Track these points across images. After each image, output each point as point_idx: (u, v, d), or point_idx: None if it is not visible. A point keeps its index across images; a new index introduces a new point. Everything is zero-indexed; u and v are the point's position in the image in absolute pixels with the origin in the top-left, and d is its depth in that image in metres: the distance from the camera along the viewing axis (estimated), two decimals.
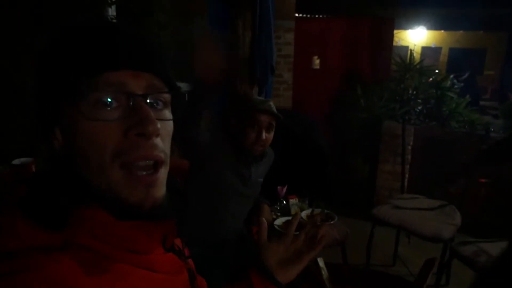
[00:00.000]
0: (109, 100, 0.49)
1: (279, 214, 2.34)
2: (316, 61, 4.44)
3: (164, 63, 0.55)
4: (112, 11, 1.68)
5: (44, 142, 0.53)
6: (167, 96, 0.55)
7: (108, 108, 0.49)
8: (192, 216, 1.35)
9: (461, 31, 8.71)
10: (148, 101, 0.51)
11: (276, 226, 2.16)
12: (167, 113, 0.55)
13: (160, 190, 0.53)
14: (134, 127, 0.49)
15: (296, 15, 4.17)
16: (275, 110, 1.64)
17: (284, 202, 2.42)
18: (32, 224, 0.47)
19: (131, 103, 0.50)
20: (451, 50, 8.87)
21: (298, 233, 2.12)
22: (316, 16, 4.47)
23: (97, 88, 0.48)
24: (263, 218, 0.85)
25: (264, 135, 1.61)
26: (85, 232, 0.48)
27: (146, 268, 0.52)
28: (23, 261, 0.44)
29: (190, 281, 0.64)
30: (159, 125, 0.51)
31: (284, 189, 2.45)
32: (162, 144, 0.53)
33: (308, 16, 4.44)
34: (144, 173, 0.51)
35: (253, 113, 1.59)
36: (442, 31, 8.79)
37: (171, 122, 0.56)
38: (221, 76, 1.26)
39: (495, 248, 2.10)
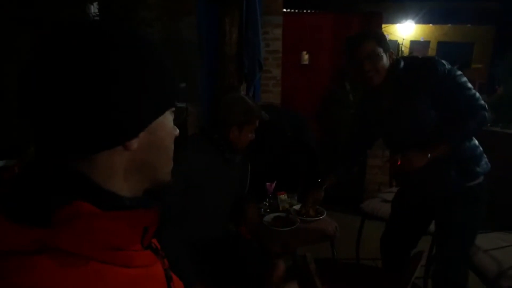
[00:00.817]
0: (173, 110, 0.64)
1: (268, 210, 2.35)
2: (305, 57, 4.44)
3: None
4: (94, 8, 1.65)
5: (117, 143, 0.55)
6: None
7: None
8: (175, 218, 1.34)
9: (449, 25, 8.77)
10: None
11: (265, 223, 2.16)
12: None
13: None
14: (175, 130, 0.65)
15: (284, 10, 4.16)
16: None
17: (272, 200, 2.43)
18: (13, 223, 0.46)
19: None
20: (439, 44, 8.93)
21: (286, 229, 2.12)
22: (304, 11, 4.46)
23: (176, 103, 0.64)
24: (281, 263, 0.88)
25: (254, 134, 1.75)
26: (66, 231, 0.48)
27: (123, 265, 0.53)
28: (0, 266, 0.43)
29: (167, 281, 0.65)
30: None
31: (273, 186, 2.46)
32: None
33: (296, 11, 4.43)
34: None
35: (255, 121, 1.73)
36: (430, 25, 8.84)
37: None
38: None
39: (482, 239, 2.12)
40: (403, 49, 4.17)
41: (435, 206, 1.86)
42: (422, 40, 8.87)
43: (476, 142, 1.79)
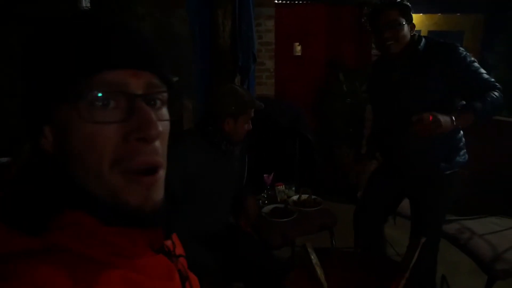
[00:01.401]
0: (107, 100, 0.46)
1: (266, 202, 2.36)
2: (298, 48, 4.42)
3: (163, 61, 0.52)
4: (86, 3, 1.63)
5: (31, 141, 0.50)
6: (165, 95, 0.53)
7: (106, 109, 0.46)
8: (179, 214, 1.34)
9: (439, 14, 8.80)
10: (147, 101, 0.50)
11: (263, 214, 2.18)
12: (165, 113, 0.53)
13: (160, 192, 0.51)
14: (136, 131, 0.47)
15: (276, 1, 4.14)
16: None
17: (270, 192, 2.44)
18: (10, 228, 0.44)
19: (131, 104, 0.47)
20: (430, 33, 8.95)
21: (285, 220, 2.13)
22: (296, 2, 4.44)
23: (95, 88, 0.45)
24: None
25: (250, 125, 1.74)
26: (68, 236, 0.46)
27: (133, 272, 0.50)
28: (3, 268, 0.41)
29: (181, 283, 0.61)
30: (160, 128, 0.48)
31: (271, 177, 2.47)
32: (161, 147, 0.51)
33: (288, 2, 4.41)
34: (145, 175, 0.49)
35: (250, 111, 1.70)
36: (421, 14, 8.85)
37: (169, 122, 0.54)
38: None
39: (477, 224, 2.16)
40: None
41: (412, 186, 1.97)
42: None
43: (462, 133, 1.88)
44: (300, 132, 3.23)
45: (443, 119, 1.55)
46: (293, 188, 2.52)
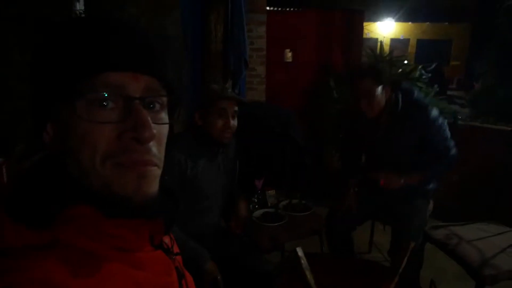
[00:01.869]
0: (105, 101, 0.48)
1: (256, 206, 2.36)
2: (288, 54, 4.45)
3: (165, 65, 0.54)
4: (80, 5, 1.62)
5: (35, 136, 0.52)
6: (164, 99, 0.54)
7: (104, 110, 0.48)
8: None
9: (428, 23, 8.94)
10: (145, 104, 0.51)
11: (254, 218, 2.18)
12: (164, 116, 0.54)
13: (152, 185, 0.52)
14: (129, 131, 0.48)
15: (268, 8, 4.16)
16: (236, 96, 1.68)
17: (261, 197, 2.44)
18: (17, 223, 0.46)
19: (128, 106, 0.49)
20: (419, 41, 9.09)
21: (275, 224, 2.12)
22: (287, 9, 4.48)
23: (94, 89, 0.47)
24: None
25: (231, 122, 1.63)
26: (72, 230, 0.47)
27: (134, 267, 0.52)
28: (8, 262, 0.43)
29: (178, 280, 0.63)
30: (155, 131, 0.50)
31: (261, 182, 2.47)
32: (157, 148, 0.52)
33: (280, 9, 4.44)
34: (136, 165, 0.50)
35: (218, 102, 1.61)
36: (410, 23, 8.98)
37: (167, 125, 0.55)
38: None
39: (465, 230, 2.19)
40: (384, 46, 4.23)
41: (392, 199, 2.19)
42: (402, 38, 9.01)
43: None
44: (290, 136, 3.23)
45: (396, 180, 2.00)
46: (284, 193, 2.53)
